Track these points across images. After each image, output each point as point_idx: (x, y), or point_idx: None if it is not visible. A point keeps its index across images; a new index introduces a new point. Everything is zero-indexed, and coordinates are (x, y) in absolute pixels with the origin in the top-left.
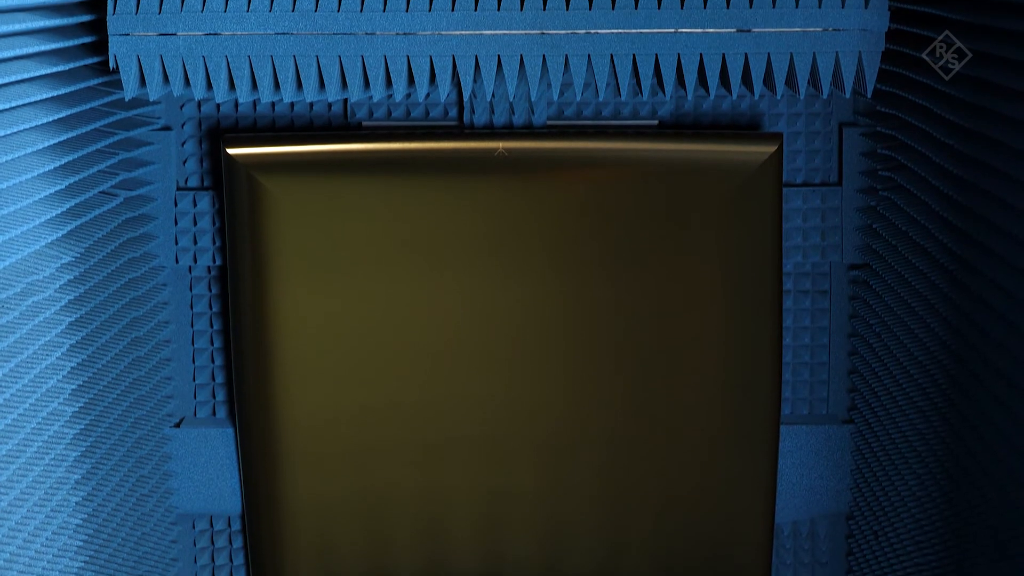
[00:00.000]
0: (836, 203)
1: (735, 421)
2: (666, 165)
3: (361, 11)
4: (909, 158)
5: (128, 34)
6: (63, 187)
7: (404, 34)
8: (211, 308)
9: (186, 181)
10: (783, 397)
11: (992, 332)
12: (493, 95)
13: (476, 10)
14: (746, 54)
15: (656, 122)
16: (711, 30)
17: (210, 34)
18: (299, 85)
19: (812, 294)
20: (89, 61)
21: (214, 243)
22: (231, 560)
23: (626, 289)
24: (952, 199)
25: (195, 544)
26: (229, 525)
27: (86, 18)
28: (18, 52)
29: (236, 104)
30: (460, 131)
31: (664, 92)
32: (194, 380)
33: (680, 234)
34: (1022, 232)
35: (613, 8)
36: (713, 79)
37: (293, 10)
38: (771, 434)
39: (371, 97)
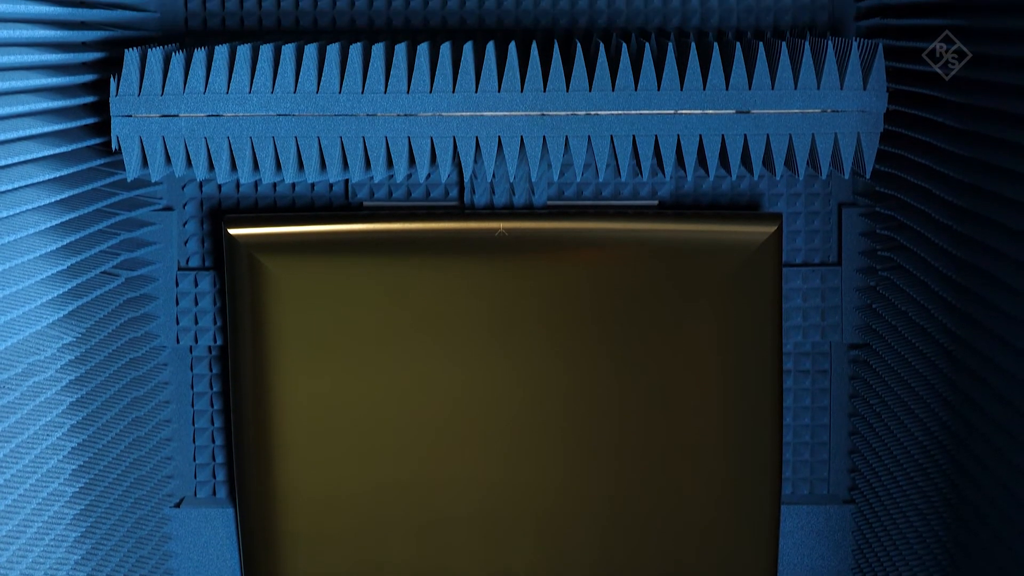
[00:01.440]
0: (836, 283)
1: (735, 501)
2: (666, 245)
3: (362, 92)
4: (908, 238)
5: (130, 115)
6: (65, 268)
7: (405, 115)
8: (212, 388)
9: (187, 261)
10: (783, 477)
11: (992, 413)
12: (494, 176)
13: (477, 92)
14: (745, 135)
15: (656, 202)
16: (710, 111)
17: (212, 115)
18: (300, 166)
19: (812, 374)
20: (92, 142)
21: (215, 323)
22: None
23: (626, 369)
24: (951, 280)
25: None
26: None
27: (89, 99)
28: (21, 133)
29: (238, 184)
30: (461, 211)
31: (664, 173)
32: (194, 460)
33: (680, 314)
34: (1021, 313)
35: (613, 90)
36: (712, 160)
37: (295, 91)
38: (772, 514)
39: (372, 177)
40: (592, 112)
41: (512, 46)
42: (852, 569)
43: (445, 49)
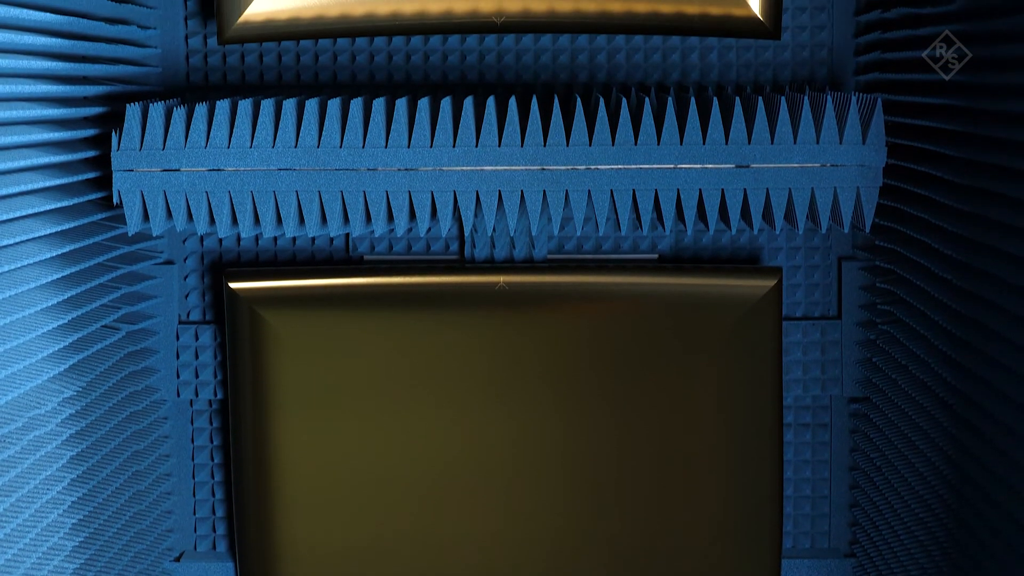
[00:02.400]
0: (836, 336)
1: (736, 555)
2: (666, 299)
3: (363, 147)
4: (908, 292)
5: (132, 170)
6: (66, 321)
7: (406, 170)
8: (212, 441)
9: (188, 315)
10: (784, 531)
11: (993, 466)
12: (494, 229)
13: (477, 146)
14: (745, 189)
15: (656, 256)
16: (710, 166)
17: (213, 170)
18: (302, 220)
19: (813, 427)
20: (93, 196)
21: (215, 376)
22: None
23: (626, 422)
24: (951, 333)
25: None
26: None
27: (90, 154)
28: (23, 188)
29: (239, 238)
30: (461, 265)
31: (664, 227)
32: (194, 514)
33: (680, 368)
34: (1021, 367)
35: (613, 144)
36: (712, 214)
37: (296, 146)
38: (773, 568)
39: (373, 231)
40: (592, 166)
41: (512, 101)
42: None
43: (446, 104)
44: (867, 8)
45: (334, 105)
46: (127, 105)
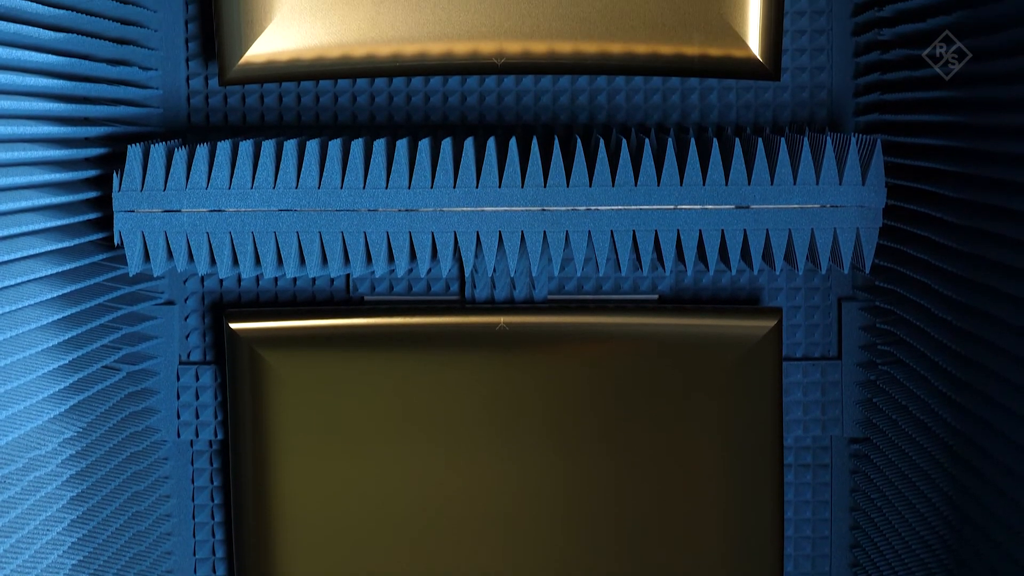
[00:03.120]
0: (836, 377)
1: None
2: (666, 339)
3: (364, 188)
4: (908, 332)
5: (133, 211)
6: (66, 362)
7: (407, 211)
8: (212, 482)
9: (188, 355)
10: (785, 571)
11: (993, 507)
12: (494, 270)
13: (478, 187)
14: (745, 230)
15: (656, 296)
16: (710, 206)
17: (214, 211)
18: (302, 261)
19: (813, 467)
20: (94, 237)
21: (216, 417)
22: None
23: (626, 463)
24: (951, 374)
25: None
26: None
27: (91, 195)
28: (24, 229)
29: (239, 278)
30: (461, 306)
31: (664, 267)
32: (194, 555)
33: (680, 408)
34: (1021, 408)
35: (613, 185)
36: (712, 254)
37: (296, 187)
38: None
39: (373, 272)
40: (592, 207)
41: (513, 142)
42: None
43: (446, 145)
44: (866, 50)
45: (335, 146)
46: (128, 146)
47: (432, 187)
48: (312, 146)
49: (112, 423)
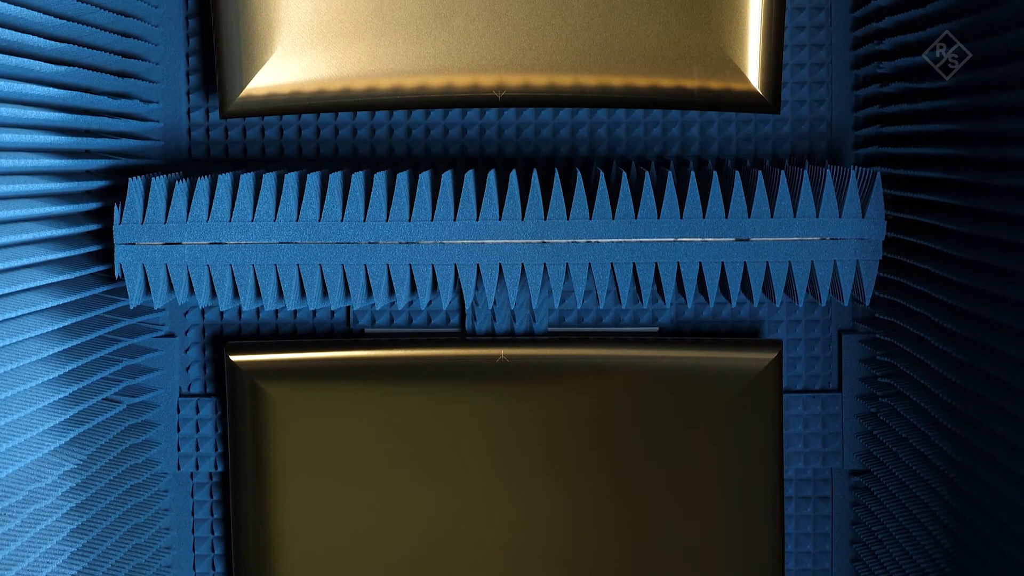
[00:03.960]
0: (836, 409)
1: None
2: (666, 372)
3: (364, 220)
4: (908, 365)
5: (134, 243)
6: (67, 394)
7: (407, 243)
8: (212, 514)
9: (189, 387)
10: None
11: (994, 540)
12: (495, 302)
13: (478, 220)
14: (745, 263)
15: (656, 329)
16: (710, 239)
17: (215, 243)
18: (303, 293)
19: (814, 500)
20: (94, 269)
21: (216, 449)
22: None
23: (626, 496)
24: (952, 407)
25: None
26: None
27: (92, 227)
28: (25, 261)
29: (240, 311)
30: (462, 338)
31: (664, 299)
32: None
33: (681, 441)
34: (1022, 440)
35: (613, 218)
36: (712, 287)
37: (297, 220)
38: None
39: (374, 304)
40: (593, 240)
41: (513, 174)
42: None
43: (447, 178)
44: (866, 83)
45: (335, 179)
46: (129, 179)
47: (432, 220)
48: (313, 179)
49: (112, 455)
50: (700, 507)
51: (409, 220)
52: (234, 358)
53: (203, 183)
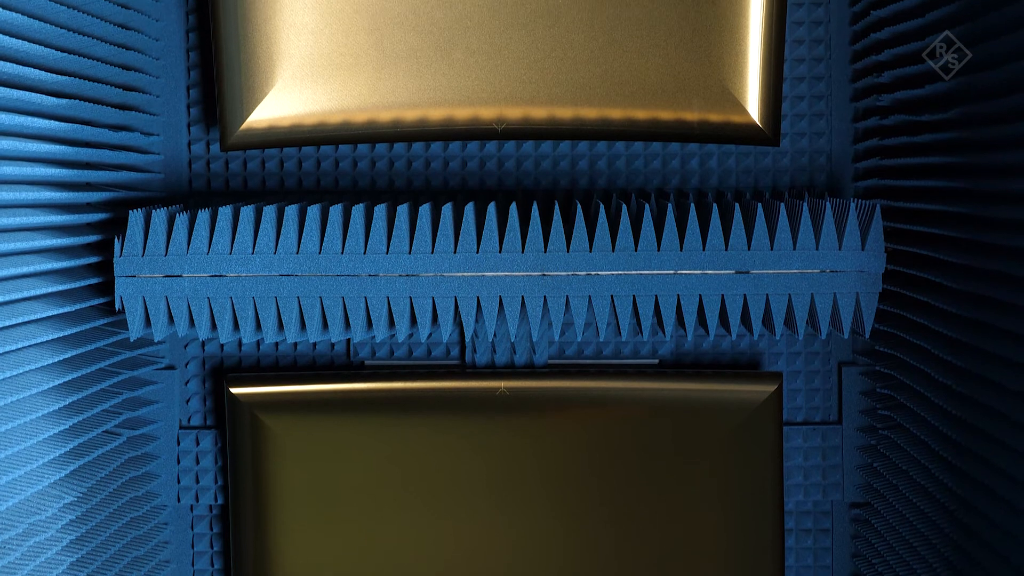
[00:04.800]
0: (836, 441)
1: None
2: (667, 404)
3: (364, 253)
4: (908, 397)
5: (134, 276)
6: (67, 427)
7: (407, 276)
8: (212, 547)
9: (189, 420)
10: None
11: (994, 572)
12: (495, 335)
13: (478, 252)
14: (744, 295)
15: (657, 361)
16: (710, 271)
17: (215, 276)
18: (303, 326)
19: (814, 532)
20: (95, 302)
21: (216, 482)
22: None
23: (627, 528)
24: (951, 439)
25: None
26: None
27: (93, 259)
28: (26, 294)
29: (240, 343)
30: (462, 370)
31: (664, 332)
32: None
33: (681, 473)
34: (1021, 473)
35: (613, 250)
36: (712, 319)
37: (297, 252)
38: None
39: (374, 337)
40: (593, 272)
41: (513, 207)
42: None
43: (447, 210)
44: (865, 115)
45: (336, 211)
46: (130, 211)
47: (433, 252)
48: (313, 211)
49: (112, 488)
50: (700, 539)
51: (409, 252)
52: (234, 390)
53: (204, 215)
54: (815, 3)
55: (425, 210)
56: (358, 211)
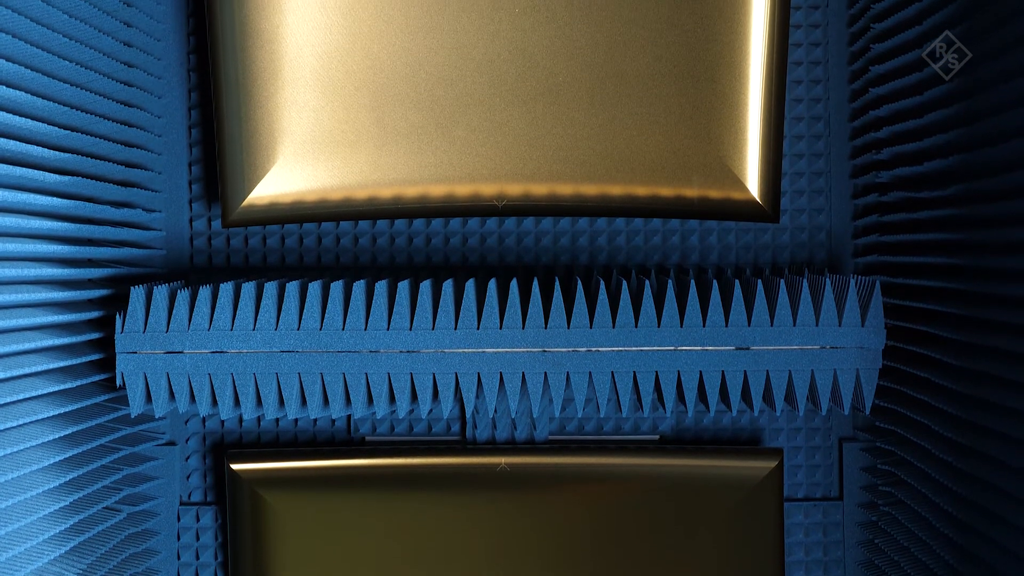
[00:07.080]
0: (837, 518)
1: None
2: (667, 480)
3: (365, 329)
4: (909, 474)
5: (135, 352)
6: (67, 503)
7: (408, 352)
8: None
9: (189, 496)
10: None
11: None
12: (495, 411)
13: (479, 328)
14: (745, 371)
15: (657, 437)
16: (710, 348)
17: (216, 352)
18: (303, 402)
19: None
20: (96, 378)
21: (216, 558)
22: None
23: None
24: (952, 515)
25: None
26: None
27: (94, 336)
28: (27, 370)
29: (240, 419)
30: (462, 446)
31: (665, 408)
32: None
33: (682, 549)
34: (1022, 550)
35: (614, 326)
36: (713, 396)
37: (298, 328)
38: None
39: (374, 413)
40: (593, 349)
41: (514, 283)
42: None
43: (447, 286)
44: (864, 192)
45: (337, 288)
46: (131, 288)
47: (434, 328)
48: (314, 288)
49: (112, 565)
50: None
51: (410, 329)
52: (235, 467)
53: (205, 292)
54: (814, 80)
55: (426, 286)
56: (359, 287)
